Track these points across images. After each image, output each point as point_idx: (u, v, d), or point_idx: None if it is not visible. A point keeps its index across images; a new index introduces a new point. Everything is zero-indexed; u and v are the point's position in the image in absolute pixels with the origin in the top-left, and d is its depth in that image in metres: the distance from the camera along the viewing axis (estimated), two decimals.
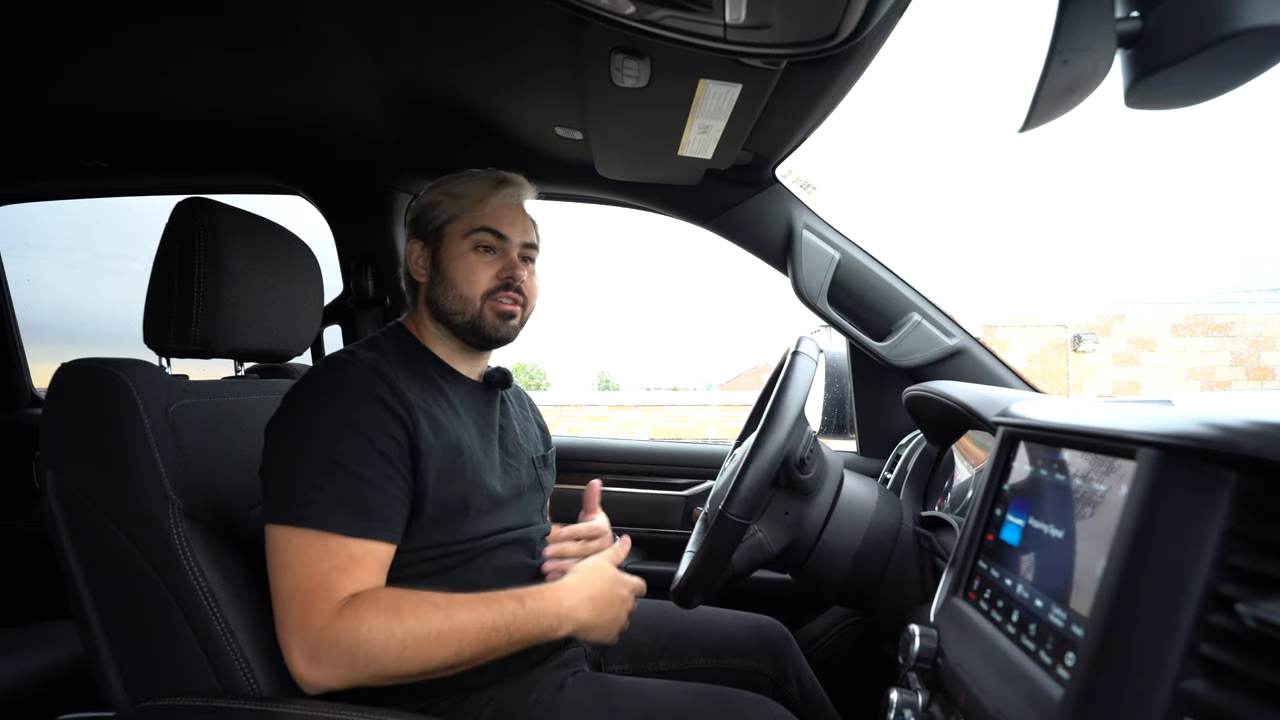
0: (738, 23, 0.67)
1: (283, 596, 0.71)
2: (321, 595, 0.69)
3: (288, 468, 0.74)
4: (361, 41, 0.93)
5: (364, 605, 0.69)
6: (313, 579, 0.70)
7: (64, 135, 1.27)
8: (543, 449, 1.05)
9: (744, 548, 0.83)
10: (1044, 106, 0.45)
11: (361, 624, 0.68)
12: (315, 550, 0.71)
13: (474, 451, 0.85)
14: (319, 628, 0.68)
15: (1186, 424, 0.36)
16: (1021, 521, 0.53)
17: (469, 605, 0.73)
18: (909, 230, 44.26)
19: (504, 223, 0.91)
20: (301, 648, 0.69)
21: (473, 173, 0.95)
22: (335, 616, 0.68)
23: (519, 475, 0.94)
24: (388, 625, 0.69)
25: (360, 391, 0.77)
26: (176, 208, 0.87)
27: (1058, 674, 0.41)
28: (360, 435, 0.74)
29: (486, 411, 0.94)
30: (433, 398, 0.84)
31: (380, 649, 0.68)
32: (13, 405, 1.71)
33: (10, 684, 1.06)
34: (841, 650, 1.23)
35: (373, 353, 0.84)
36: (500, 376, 0.97)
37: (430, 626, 0.70)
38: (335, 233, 1.50)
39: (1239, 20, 0.36)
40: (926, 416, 1.01)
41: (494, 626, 0.73)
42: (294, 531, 0.71)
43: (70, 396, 0.79)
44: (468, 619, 0.72)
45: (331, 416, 0.75)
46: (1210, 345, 10.65)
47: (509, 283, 0.90)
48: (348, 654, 0.68)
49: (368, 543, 0.73)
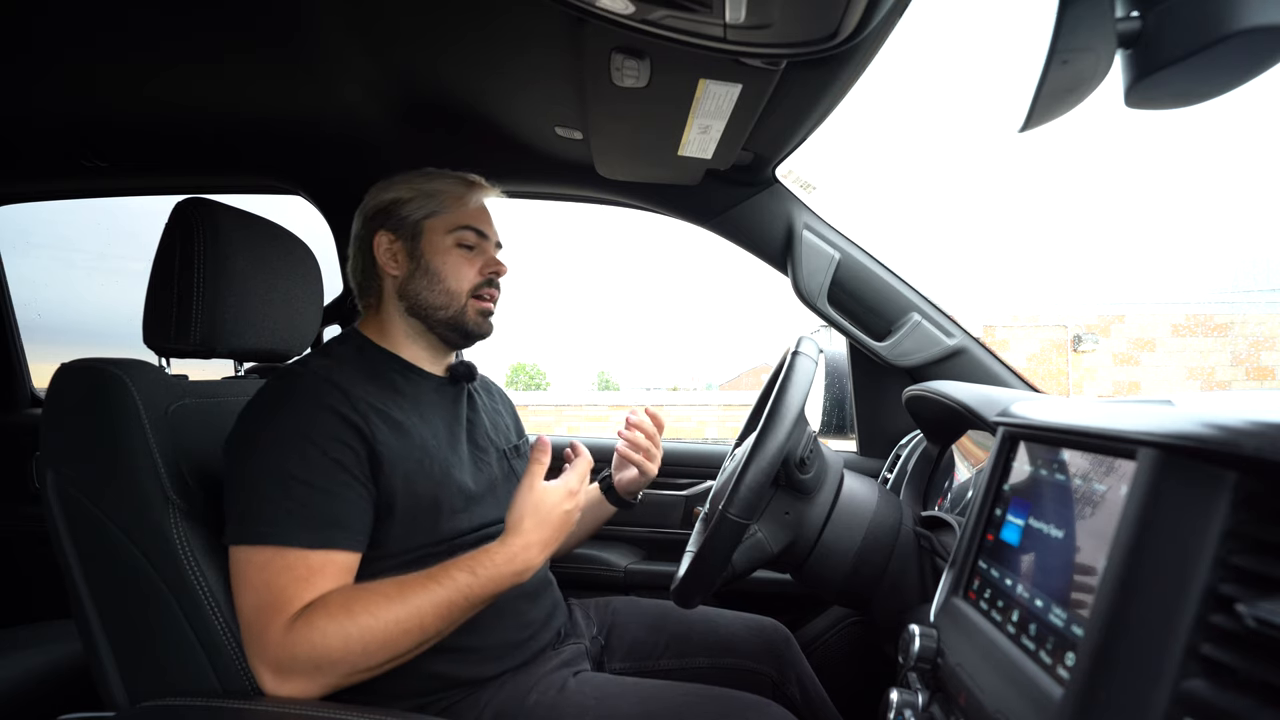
0: (738, 23, 0.67)
1: (245, 616, 0.70)
2: (278, 610, 0.69)
3: (242, 486, 0.73)
4: (361, 42, 0.93)
5: (315, 612, 0.69)
6: (271, 594, 0.69)
7: (63, 135, 1.27)
8: (515, 439, 1.05)
9: (744, 548, 0.83)
10: (1044, 106, 0.45)
11: (315, 631, 0.67)
12: (274, 566, 0.70)
13: (440, 449, 0.85)
14: (276, 643, 0.68)
15: (1186, 424, 0.36)
16: (1021, 521, 0.53)
17: (421, 586, 0.72)
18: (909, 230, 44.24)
19: (483, 221, 0.96)
20: (265, 666, 0.69)
21: (436, 171, 0.96)
22: (289, 629, 0.68)
23: (490, 468, 0.94)
24: (341, 627, 0.68)
25: (311, 402, 0.76)
26: (176, 208, 0.86)
27: (1058, 674, 0.41)
28: (314, 446, 0.74)
29: (453, 407, 0.94)
30: (391, 400, 0.84)
31: (340, 651, 0.68)
32: (13, 405, 1.71)
33: (10, 684, 1.06)
34: (841, 650, 1.23)
35: (326, 360, 0.84)
36: (465, 370, 0.97)
37: (385, 618, 0.69)
38: (335, 233, 1.50)
39: (1239, 20, 0.36)
40: (926, 416, 1.01)
41: (451, 601, 0.72)
42: (254, 550, 0.71)
43: (70, 396, 0.79)
44: (423, 601, 0.71)
45: (283, 430, 0.75)
46: (1210, 345, 10.66)
47: (492, 278, 0.94)
48: (310, 663, 0.68)
49: (328, 553, 0.72)
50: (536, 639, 0.89)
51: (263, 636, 0.68)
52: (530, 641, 0.88)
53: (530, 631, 0.88)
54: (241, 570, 0.71)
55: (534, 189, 1.42)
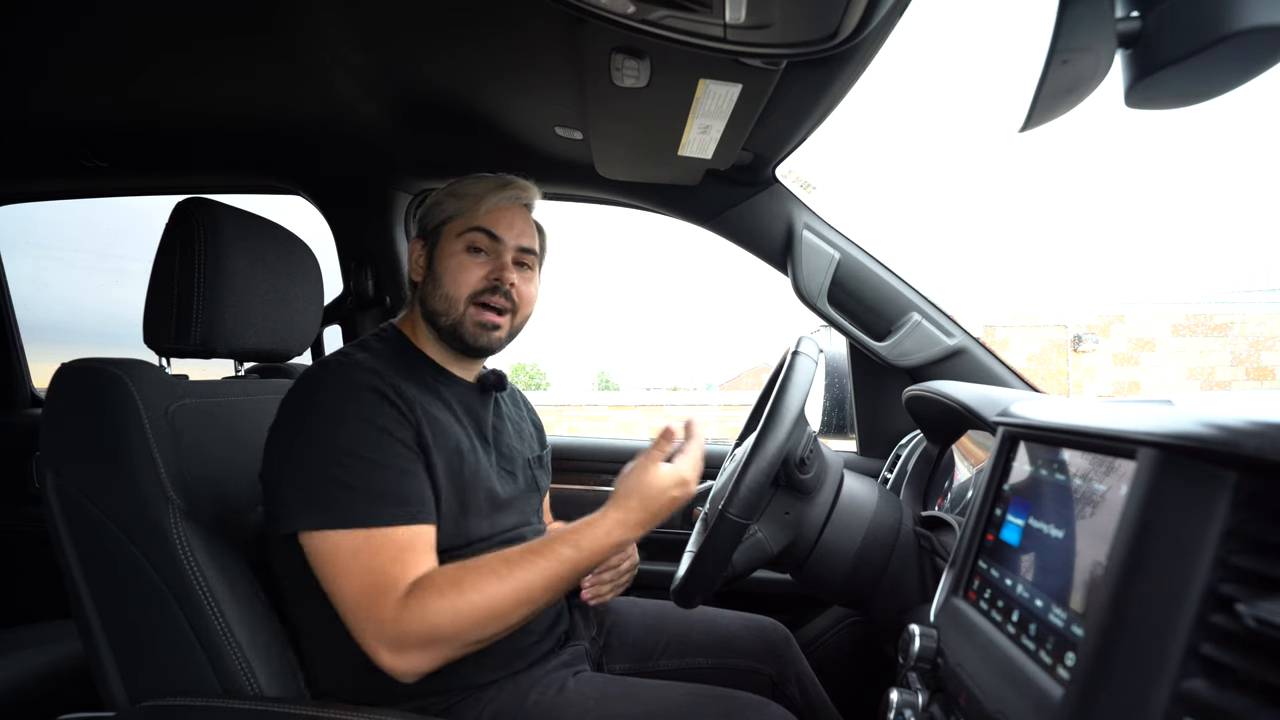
0: (738, 23, 0.67)
1: (348, 601, 0.71)
2: (384, 590, 0.70)
3: (304, 473, 0.73)
4: (361, 42, 0.93)
5: (425, 591, 0.70)
6: (372, 577, 0.70)
7: (63, 135, 1.27)
8: (538, 449, 1.04)
9: (744, 548, 0.83)
10: (1044, 106, 0.46)
11: (428, 610, 0.69)
12: (366, 549, 0.71)
13: (471, 453, 0.85)
14: (391, 622, 0.69)
15: (1186, 424, 0.36)
16: (1021, 521, 0.53)
17: (527, 561, 0.73)
18: (909, 230, 44.23)
19: (500, 224, 0.89)
20: (382, 644, 0.70)
21: (481, 175, 0.94)
22: (402, 608, 0.69)
23: (515, 477, 0.93)
24: (453, 605, 0.69)
25: (361, 386, 0.77)
26: (176, 208, 0.86)
27: (1058, 674, 0.41)
28: (372, 426, 0.74)
29: (481, 413, 0.94)
30: (428, 397, 0.84)
31: (453, 627, 0.69)
32: (13, 405, 1.71)
33: (10, 684, 1.06)
34: (841, 650, 1.24)
35: (365, 354, 0.84)
36: (495, 379, 0.96)
37: (494, 594, 0.71)
38: (335, 233, 1.50)
39: (1239, 20, 0.36)
40: (926, 416, 1.01)
41: (558, 574, 0.74)
42: (337, 535, 0.71)
43: (70, 396, 0.79)
44: (531, 575, 0.72)
45: (338, 413, 0.75)
46: (1210, 345, 10.65)
47: (496, 285, 0.88)
48: (426, 639, 0.69)
49: (411, 528, 0.73)
50: (539, 645, 0.89)
51: (375, 616, 0.69)
52: (533, 648, 0.88)
53: (534, 638, 0.88)
54: (329, 558, 0.71)
55: (538, 192, 1.42)
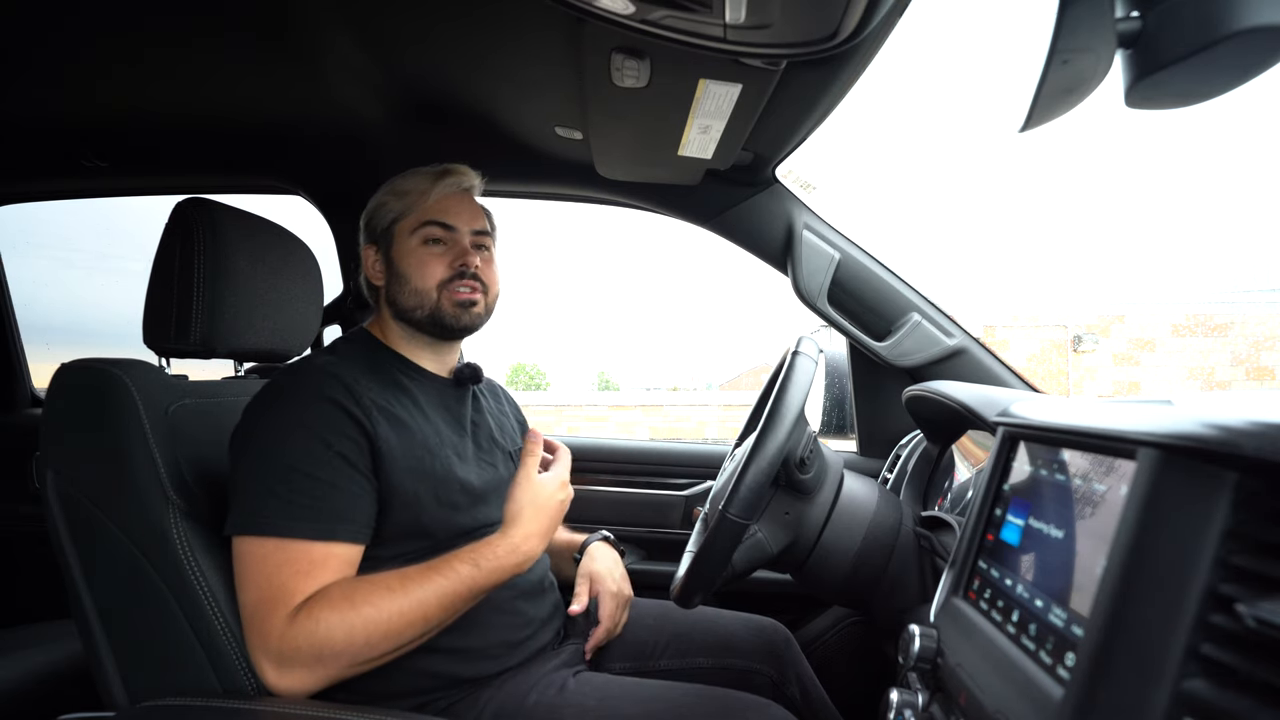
0: (738, 23, 0.67)
1: (246, 609, 0.71)
2: (277, 603, 0.69)
3: (246, 478, 0.74)
4: (361, 42, 0.93)
5: (317, 604, 0.69)
6: (272, 587, 0.69)
7: (64, 135, 1.27)
8: (520, 442, 1.05)
9: (744, 548, 0.83)
10: (1044, 106, 0.45)
11: (318, 624, 0.68)
12: (276, 558, 0.70)
13: (442, 447, 0.85)
14: (277, 635, 0.68)
15: (1186, 424, 0.36)
16: (1021, 521, 0.53)
17: (424, 578, 0.73)
18: (909, 230, 44.27)
19: (450, 213, 0.91)
20: (267, 659, 0.69)
21: (417, 170, 0.95)
22: (290, 622, 0.68)
23: (495, 469, 0.94)
24: (343, 618, 0.68)
25: (314, 395, 0.77)
26: (176, 208, 0.86)
27: (1058, 674, 0.41)
28: (316, 439, 0.74)
29: (457, 408, 0.94)
30: (394, 397, 0.84)
31: (343, 642, 0.68)
32: (13, 405, 1.71)
33: (10, 684, 1.06)
34: (841, 650, 1.24)
35: (331, 356, 0.85)
36: (470, 372, 0.97)
37: (388, 609, 0.70)
38: (335, 233, 1.50)
39: (1239, 20, 0.36)
40: (926, 416, 1.01)
41: (454, 593, 0.73)
42: (255, 541, 0.71)
43: (70, 396, 0.79)
44: (426, 593, 0.72)
45: (286, 422, 0.75)
46: (1210, 345, 10.66)
47: (462, 270, 0.90)
48: (311, 654, 0.68)
49: (330, 545, 0.72)
50: (536, 638, 0.89)
51: (264, 629, 0.69)
52: (529, 641, 0.88)
53: (530, 631, 0.88)
54: (243, 562, 0.71)
55: (534, 189, 1.42)
